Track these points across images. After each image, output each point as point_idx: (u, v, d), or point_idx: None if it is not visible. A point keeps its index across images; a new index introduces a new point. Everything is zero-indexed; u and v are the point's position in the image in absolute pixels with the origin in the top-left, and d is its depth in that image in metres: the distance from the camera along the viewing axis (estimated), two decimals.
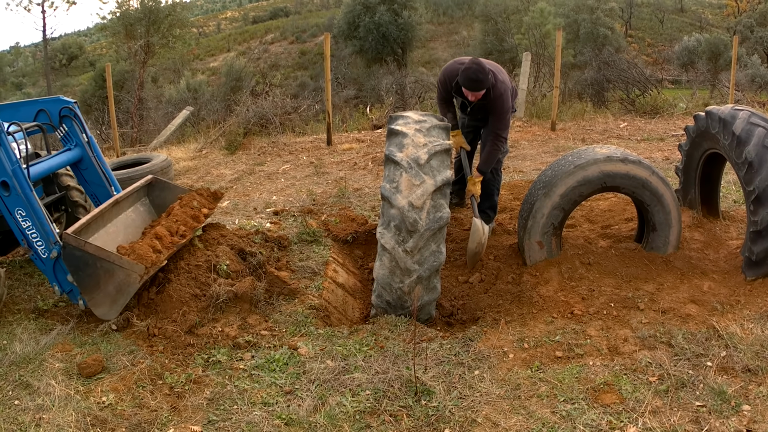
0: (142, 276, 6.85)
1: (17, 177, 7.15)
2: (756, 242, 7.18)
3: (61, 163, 8.31)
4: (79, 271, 6.92)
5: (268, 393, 5.73)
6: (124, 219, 8.28)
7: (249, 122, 19.71)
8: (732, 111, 7.73)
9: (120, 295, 6.97)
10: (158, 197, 8.92)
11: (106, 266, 6.85)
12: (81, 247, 6.82)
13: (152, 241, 7.36)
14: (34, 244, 7.28)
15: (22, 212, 7.20)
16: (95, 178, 8.74)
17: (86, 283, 6.96)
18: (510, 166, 13.87)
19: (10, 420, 5.46)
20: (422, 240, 6.67)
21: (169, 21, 39.78)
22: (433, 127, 7.30)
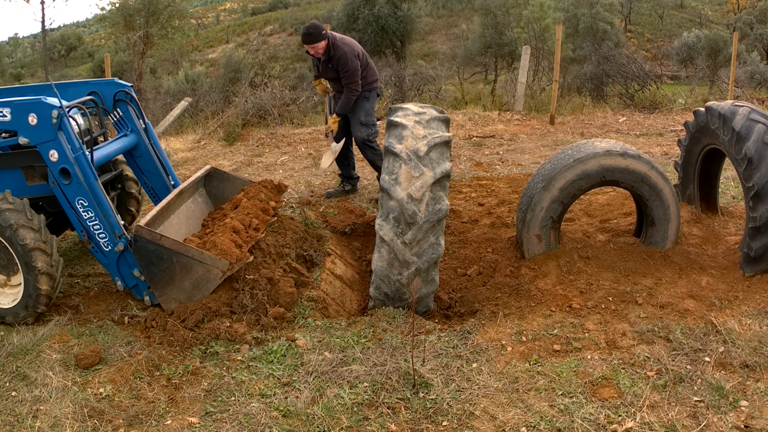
0: (224, 272, 6.76)
1: (80, 164, 6.92)
2: (755, 238, 7.18)
3: (118, 149, 8.06)
4: (151, 265, 6.79)
5: (265, 385, 5.72)
6: (185, 210, 8.15)
7: (247, 113, 19.69)
8: (732, 107, 7.72)
9: (196, 292, 6.86)
10: (216, 188, 8.78)
11: (183, 261, 6.73)
12: (156, 241, 6.68)
13: (232, 235, 7.22)
14: (96, 236, 7.10)
15: (83, 202, 6.99)
16: (151, 167, 8.53)
17: (159, 278, 6.83)
18: (509, 160, 13.88)
19: (7, 411, 5.46)
20: (421, 232, 6.66)
21: (168, 12, 39.73)
22: (433, 119, 7.29)
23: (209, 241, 7.00)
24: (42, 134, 6.88)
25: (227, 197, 8.66)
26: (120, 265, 7.14)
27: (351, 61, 10.45)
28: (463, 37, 59.39)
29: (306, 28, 10.39)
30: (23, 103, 7.01)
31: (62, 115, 6.80)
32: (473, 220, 9.82)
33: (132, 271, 7.10)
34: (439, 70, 31.22)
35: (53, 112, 6.77)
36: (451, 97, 26.89)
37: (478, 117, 19.38)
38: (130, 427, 5.26)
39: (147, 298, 7.15)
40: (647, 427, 4.92)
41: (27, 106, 6.94)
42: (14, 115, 7.04)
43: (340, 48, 10.43)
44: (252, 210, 7.90)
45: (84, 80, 8.40)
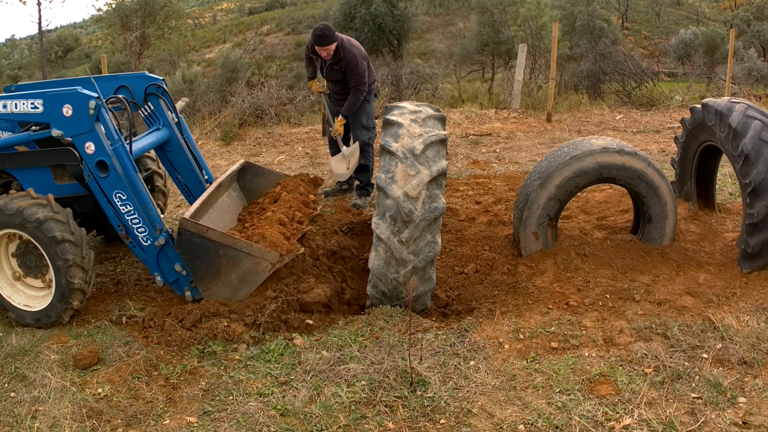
0: (274, 264, 6.69)
1: (119, 156, 6.81)
2: (752, 235, 7.18)
3: (151, 144, 7.97)
4: (196, 259, 6.70)
5: (263, 384, 5.73)
6: (221, 204, 8.05)
7: (244, 113, 19.71)
8: (728, 104, 7.72)
9: (243, 285, 6.80)
10: (249, 182, 8.71)
11: (230, 254, 6.65)
12: (202, 234, 6.58)
13: (279, 227, 7.17)
14: (135, 230, 6.98)
15: (122, 195, 6.84)
16: (183, 162, 8.46)
17: (203, 272, 6.75)
18: (506, 157, 13.90)
19: (6, 412, 5.46)
20: (417, 230, 6.66)
21: (165, 12, 39.75)
22: (429, 118, 7.28)
23: (256, 234, 6.95)
24: (78, 126, 6.74)
25: (261, 191, 8.60)
26: (160, 260, 7.07)
27: (360, 63, 10.49)
28: (459, 35, 59.41)
29: (320, 30, 10.25)
30: (57, 93, 6.87)
31: (100, 105, 6.69)
32: (470, 218, 9.82)
33: (173, 266, 7.03)
34: (436, 68, 31.29)
35: (90, 102, 6.64)
36: (448, 95, 26.87)
37: (475, 115, 19.39)
38: (129, 427, 5.26)
39: (188, 293, 7.08)
40: (645, 424, 4.93)
41: (61, 96, 6.80)
42: (47, 107, 6.91)
43: (348, 50, 10.45)
44: (294, 203, 7.88)
45: (113, 74, 8.28)
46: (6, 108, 7.20)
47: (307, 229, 7.51)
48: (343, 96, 10.84)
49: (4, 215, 6.75)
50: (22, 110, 7.07)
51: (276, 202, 8.00)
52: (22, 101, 7.06)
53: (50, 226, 6.65)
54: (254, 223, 7.57)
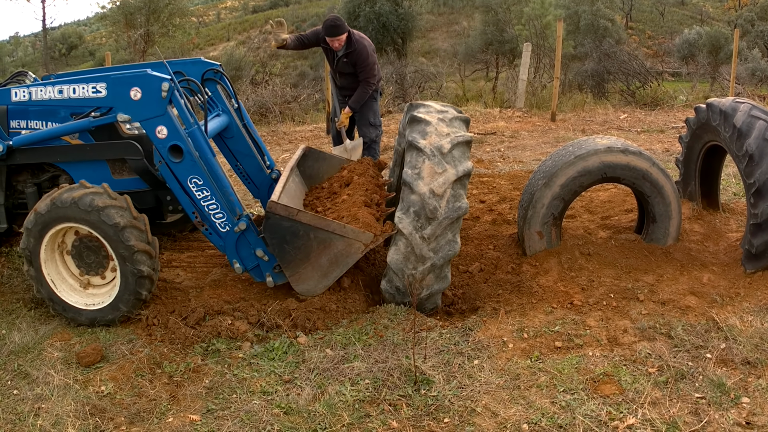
0: (367, 245, 6.67)
1: (196, 140, 6.70)
2: (756, 235, 7.18)
3: (210, 131, 7.63)
4: (284, 243, 6.65)
5: (267, 382, 5.73)
6: (287, 190, 7.84)
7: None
8: (733, 103, 7.71)
9: (333, 268, 6.78)
10: (310, 168, 8.68)
11: (321, 236, 6.62)
12: (293, 217, 6.54)
13: (366, 209, 7.15)
14: (212, 216, 6.85)
15: (197, 181, 6.68)
16: (244, 148, 8.36)
17: (292, 256, 6.71)
18: (510, 156, 13.90)
19: (9, 410, 5.46)
20: (440, 228, 6.64)
21: (169, 10, 39.82)
22: (455, 119, 7.29)
23: (347, 215, 6.95)
24: (148, 110, 6.58)
25: (322, 177, 8.58)
26: (239, 246, 6.96)
27: (370, 55, 10.52)
28: (464, 34, 59.31)
29: (331, 21, 10.28)
30: (124, 76, 6.71)
31: (173, 88, 6.56)
32: (474, 217, 9.81)
33: (254, 251, 6.93)
34: (440, 67, 31.24)
35: (163, 84, 6.50)
36: (453, 94, 26.91)
37: (479, 114, 19.41)
38: (132, 425, 5.26)
39: (269, 279, 7.03)
40: (648, 424, 4.93)
41: (129, 79, 6.65)
42: (111, 90, 6.75)
43: (359, 42, 10.47)
44: (370, 186, 7.84)
45: (168, 60, 7.92)
46: (62, 93, 7.02)
47: (391, 210, 7.48)
48: (351, 91, 10.79)
49: (58, 209, 6.59)
50: (82, 95, 6.91)
51: (348, 185, 7.96)
52: (82, 85, 6.89)
53: (111, 213, 6.49)
54: (329, 207, 7.56)
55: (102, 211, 6.47)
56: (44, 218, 6.65)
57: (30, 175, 7.70)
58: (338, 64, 10.70)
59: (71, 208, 6.53)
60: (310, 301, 6.94)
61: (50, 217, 6.64)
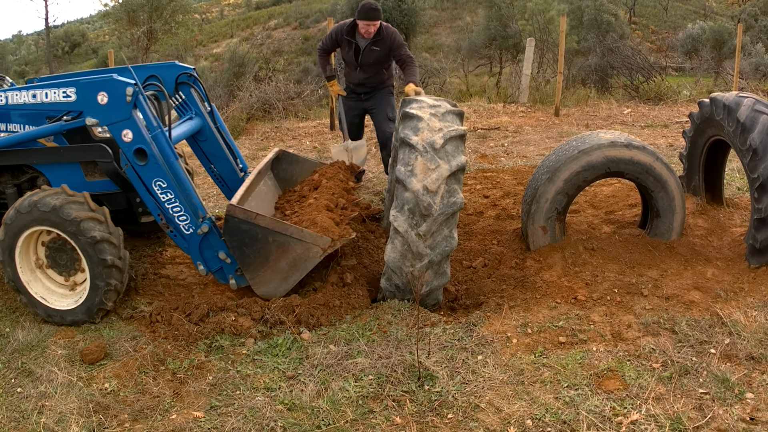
0: (325, 250, 6.65)
1: (159, 143, 6.70)
2: (760, 230, 7.17)
3: (184, 133, 7.84)
4: (244, 246, 6.66)
5: (270, 378, 5.73)
6: (258, 193, 7.99)
7: (252, 107, 19.73)
8: (736, 98, 7.71)
9: (293, 272, 6.76)
10: (284, 171, 8.69)
11: (280, 240, 6.61)
12: (251, 220, 6.54)
13: (327, 213, 7.15)
14: (176, 219, 6.87)
15: (162, 183, 6.72)
16: (217, 151, 8.37)
17: (251, 259, 6.72)
18: (513, 151, 13.89)
19: (13, 408, 5.47)
20: (435, 224, 6.63)
21: (172, 7, 39.79)
22: (448, 113, 7.26)
23: (306, 219, 6.93)
24: (114, 114, 6.63)
25: (296, 180, 8.58)
26: (203, 249, 6.98)
27: (401, 37, 10.52)
28: (467, 29, 59.25)
29: (370, 4, 10.08)
30: (91, 81, 6.78)
31: (138, 92, 6.60)
32: (478, 212, 9.81)
33: (217, 254, 6.95)
34: (443, 62, 31.21)
35: (127, 89, 6.54)
36: (456, 89, 26.88)
37: (482, 109, 19.40)
38: (136, 422, 5.26)
39: (233, 281, 7.04)
40: (653, 420, 4.92)
41: (96, 84, 6.70)
42: (80, 95, 6.82)
43: (389, 27, 10.43)
44: (336, 190, 7.85)
45: (143, 64, 8.19)
46: (36, 98, 7.10)
47: (355, 215, 7.48)
48: (371, 88, 10.79)
49: (39, 211, 6.64)
50: (53, 99, 6.98)
51: (317, 189, 7.96)
52: (53, 90, 6.97)
53: (89, 226, 6.58)
54: (296, 211, 7.55)
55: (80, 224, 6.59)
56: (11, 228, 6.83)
57: (11, 176, 7.80)
58: (363, 55, 10.49)
59: (51, 213, 6.64)
60: (314, 297, 6.96)
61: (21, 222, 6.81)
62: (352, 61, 10.63)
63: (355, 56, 10.54)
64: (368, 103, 10.80)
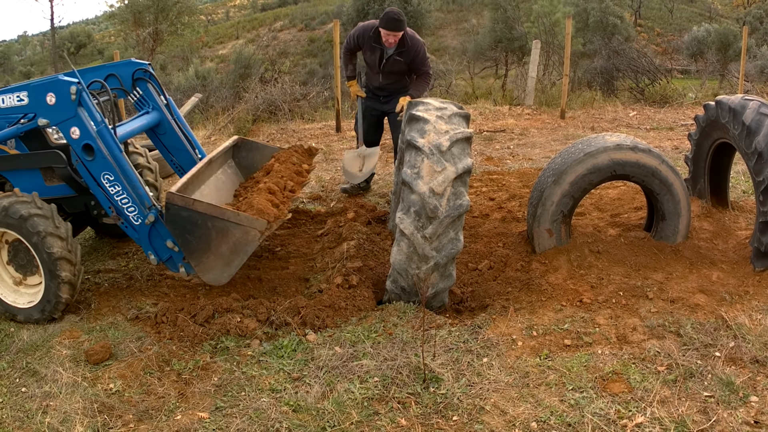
0: (263, 232, 6.60)
1: (103, 137, 6.80)
2: (765, 233, 7.17)
3: (140, 127, 8.00)
4: (185, 233, 6.63)
5: (275, 379, 5.73)
6: (215, 181, 8.05)
7: (258, 109, 19.71)
8: (742, 101, 7.71)
9: (234, 257, 6.70)
10: (245, 158, 8.73)
11: (219, 225, 6.56)
12: (189, 206, 6.50)
13: (268, 195, 7.14)
14: (125, 210, 6.98)
15: (109, 176, 6.86)
16: (176, 143, 8.47)
17: (194, 246, 6.67)
18: (519, 154, 13.89)
19: (17, 407, 5.48)
20: (441, 227, 6.63)
21: (178, 8, 39.87)
22: (454, 115, 7.26)
23: (244, 203, 6.93)
24: (62, 113, 6.82)
25: (257, 167, 8.58)
26: (152, 238, 7.05)
27: (424, 49, 10.39)
28: (473, 31, 59.29)
29: (395, 14, 9.83)
30: (40, 83, 6.98)
31: (81, 90, 6.74)
32: (484, 214, 9.81)
33: (165, 243, 7.00)
34: (449, 64, 31.15)
35: (71, 88, 6.70)
36: (462, 91, 26.86)
37: (488, 111, 19.38)
38: (140, 423, 5.27)
39: (182, 269, 7.06)
40: (657, 422, 4.93)
41: (44, 86, 6.90)
42: (32, 98, 7.01)
43: (414, 38, 10.26)
44: (286, 173, 7.85)
45: (101, 65, 8.38)
46: None
47: (298, 195, 7.47)
48: (391, 93, 10.67)
49: None
50: (10, 104, 7.19)
51: (269, 173, 7.97)
52: (8, 95, 7.18)
53: (35, 222, 6.75)
54: (246, 196, 7.54)
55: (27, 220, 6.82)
56: None
57: None
58: (386, 63, 10.37)
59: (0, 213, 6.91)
60: (319, 299, 6.97)
61: None
62: (374, 65, 10.52)
63: (378, 62, 10.42)
64: (387, 106, 10.68)
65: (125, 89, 8.11)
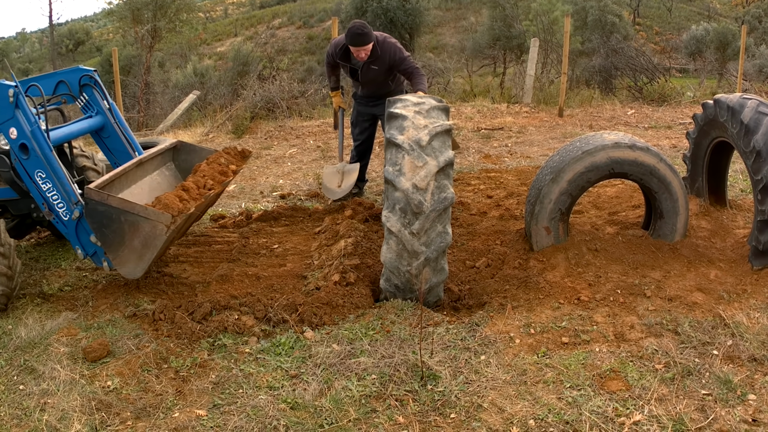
0: (168, 226, 6.69)
1: (36, 137, 7.05)
2: (763, 232, 7.17)
3: (82, 130, 8.21)
4: (102, 227, 6.83)
5: (273, 377, 5.73)
6: (150, 182, 8.20)
7: (256, 106, 19.72)
8: (740, 100, 7.71)
9: (146, 250, 6.84)
10: (185, 161, 8.86)
11: (130, 219, 6.73)
12: (104, 201, 6.70)
13: (179, 192, 7.23)
14: (56, 206, 7.20)
15: (42, 174, 7.11)
16: (118, 146, 8.64)
17: (111, 240, 6.86)
18: (517, 152, 13.90)
19: (15, 405, 5.46)
20: (428, 221, 6.63)
21: (176, 6, 39.80)
22: (432, 108, 7.24)
23: (155, 199, 7.03)
24: (1, 114, 7.08)
25: None
26: (79, 233, 7.27)
27: (400, 49, 9.92)
28: (471, 29, 59.36)
29: (357, 29, 9.47)
30: None
31: (18, 93, 7.01)
32: (482, 212, 9.82)
33: (90, 238, 7.20)
34: (447, 62, 31.20)
35: (9, 91, 6.97)
36: (460, 89, 26.88)
37: (486, 109, 19.41)
38: (138, 420, 5.26)
39: (105, 264, 7.26)
40: (655, 420, 4.92)
41: None
42: None
43: (386, 42, 9.86)
44: (209, 173, 7.97)
45: (52, 72, 8.67)
46: None
47: (212, 192, 7.53)
48: (378, 98, 10.39)
49: None
50: None
51: (195, 173, 8.09)
52: None
53: None
54: None
55: None
56: None
57: None
58: (362, 74, 10.13)
59: None
60: (317, 296, 6.98)
61: None
62: (353, 79, 10.47)
63: (353, 76, 10.35)
64: (376, 109, 10.50)
65: (73, 95, 8.39)
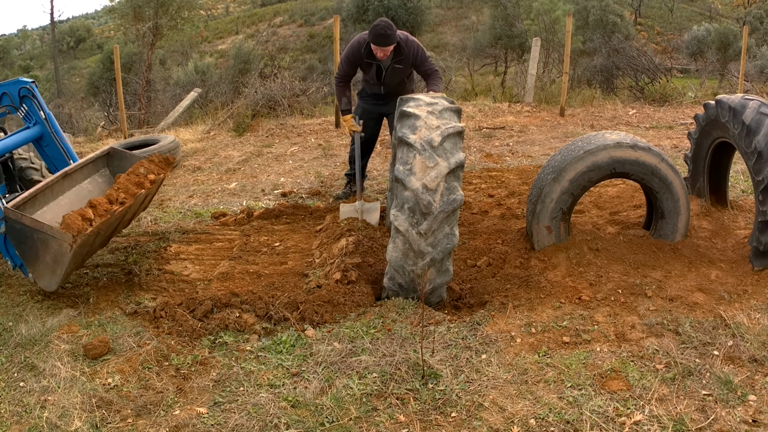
0: (71, 245, 6.83)
1: None
2: (764, 232, 7.16)
3: (21, 141, 8.44)
4: (21, 243, 6.99)
5: (274, 375, 5.73)
6: (78, 191, 8.32)
7: (257, 104, 19.71)
8: (742, 100, 7.70)
9: (57, 266, 6.98)
10: (118, 168, 8.92)
11: (41, 237, 6.89)
12: (19, 220, 6.87)
13: (84, 210, 7.32)
14: None
15: None
16: (56, 154, 8.83)
17: (28, 255, 7.03)
18: (519, 151, 13.89)
19: (15, 402, 5.46)
20: (436, 222, 6.63)
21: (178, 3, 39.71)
22: (445, 110, 7.24)
23: (63, 218, 7.13)
24: None
25: None
26: (7, 246, 7.35)
27: (424, 52, 9.81)
28: (473, 28, 59.31)
29: (381, 28, 9.14)
30: None
31: None
32: (483, 211, 9.81)
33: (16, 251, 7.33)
34: (449, 61, 31.17)
35: None
36: (462, 88, 26.89)
37: (488, 108, 19.40)
38: (138, 418, 5.26)
39: (31, 275, 7.28)
40: (655, 420, 4.92)
41: None
42: None
43: (409, 41, 9.62)
44: (123, 185, 8.04)
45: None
46: None
47: (119, 209, 7.57)
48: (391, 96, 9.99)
49: None
50: None
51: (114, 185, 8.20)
52: None
53: None
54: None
55: None
56: None
57: None
58: (387, 75, 9.89)
59: None
60: (318, 294, 6.99)
61: None
62: (374, 80, 10.08)
63: (377, 76, 10.00)
64: (386, 108, 10.35)
65: (15, 106, 8.61)
